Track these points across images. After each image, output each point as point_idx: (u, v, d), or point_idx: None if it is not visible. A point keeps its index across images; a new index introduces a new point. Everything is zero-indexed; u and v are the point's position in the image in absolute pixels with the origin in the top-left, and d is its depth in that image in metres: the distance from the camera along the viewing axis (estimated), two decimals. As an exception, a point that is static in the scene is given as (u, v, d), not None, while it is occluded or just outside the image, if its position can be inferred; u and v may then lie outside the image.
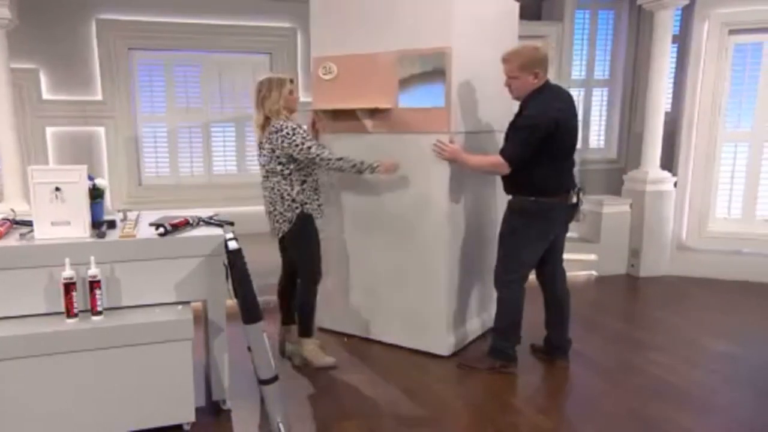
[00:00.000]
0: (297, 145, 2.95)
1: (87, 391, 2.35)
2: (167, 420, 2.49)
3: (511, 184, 3.06)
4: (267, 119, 3.02)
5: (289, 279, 3.33)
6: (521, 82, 2.90)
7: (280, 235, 3.12)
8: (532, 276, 3.21)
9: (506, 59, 2.92)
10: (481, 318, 3.73)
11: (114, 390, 2.39)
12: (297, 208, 3.06)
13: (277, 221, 3.10)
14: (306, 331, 3.23)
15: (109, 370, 2.37)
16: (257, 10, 5.26)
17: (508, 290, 3.11)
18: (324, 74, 3.48)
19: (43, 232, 2.44)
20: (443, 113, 3.16)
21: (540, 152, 2.87)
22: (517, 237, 3.03)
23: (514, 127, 2.96)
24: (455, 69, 3.10)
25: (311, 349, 3.23)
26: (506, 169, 2.93)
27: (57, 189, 2.43)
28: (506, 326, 3.14)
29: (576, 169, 3.31)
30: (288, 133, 2.94)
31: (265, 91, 3.01)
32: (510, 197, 3.10)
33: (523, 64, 2.87)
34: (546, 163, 2.91)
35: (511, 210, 3.08)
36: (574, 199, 3.04)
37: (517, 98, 2.99)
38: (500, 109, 3.41)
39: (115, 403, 2.40)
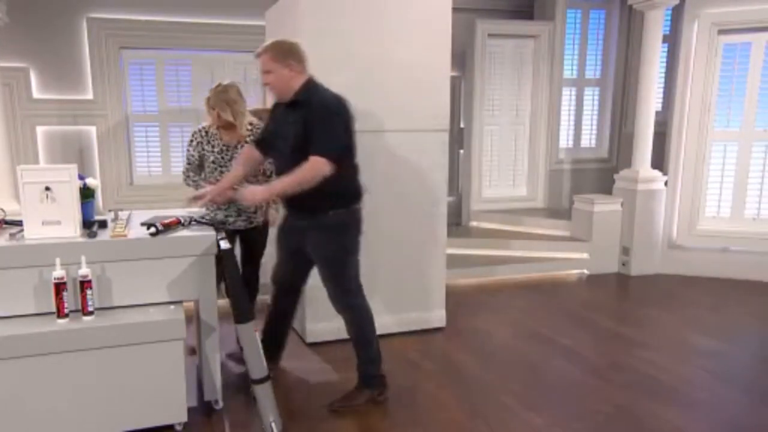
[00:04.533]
0: None
1: (78, 392, 2.35)
2: (159, 420, 2.49)
3: (320, 196, 2.61)
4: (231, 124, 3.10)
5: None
6: (276, 76, 2.64)
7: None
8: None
9: (258, 53, 2.68)
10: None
11: (105, 390, 2.38)
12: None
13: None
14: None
15: (101, 371, 2.36)
16: (248, 8, 5.24)
17: (360, 309, 2.84)
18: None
19: (34, 232, 2.43)
20: None
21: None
22: (351, 254, 2.80)
23: (314, 124, 2.59)
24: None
25: None
26: (328, 168, 2.54)
27: (47, 188, 2.42)
28: (371, 349, 2.88)
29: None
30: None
31: (235, 95, 3.11)
32: (316, 214, 2.70)
33: (274, 56, 2.64)
34: (346, 165, 2.68)
35: (332, 228, 2.72)
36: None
37: (279, 94, 2.70)
38: (369, 108, 3.39)
39: (107, 404, 2.39)
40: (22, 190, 2.42)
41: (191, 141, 3.19)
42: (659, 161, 5.31)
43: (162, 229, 2.56)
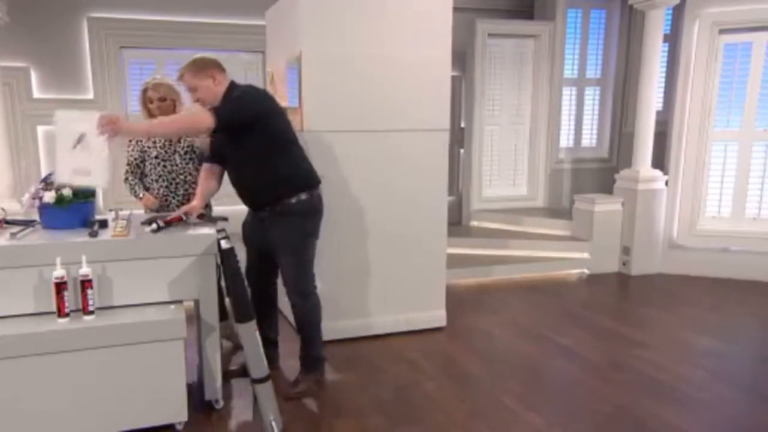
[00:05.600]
0: None
1: (79, 391, 2.35)
2: (160, 419, 2.49)
3: (277, 187, 2.77)
4: None
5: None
6: (204, 90, 2.69)
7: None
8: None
9: (180, 76, 2.74)
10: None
11: (106, 389, 2.38)
12: None
13: None
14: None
15: (101, 370, 2.36)
16: (249, 8, 5.24)
17: (315, 296, 2.93)
18: (270, 81, 4.07)
19: (65, 178, 2.47)
20: (297, 112, 3.40)
21: (273, 138, 2.73)
22: (314, 239, 2.89)
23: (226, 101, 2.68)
24: (306, 71, 3.31)
25: None
26: (209, 122, 2.54)
27: (80, 137, 2.38)
28: (320, 333, 2.98)
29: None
30: None
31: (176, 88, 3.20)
32: (279, 203, 2.78)
33: (195, 72, 2.68)
34: (284, 148, 2.78)
35: (296, 214, 2.79)
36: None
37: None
38: (369, 108, 3.46)
39: (107, 403, 2.39)
40: (57, 135, 2.42)
41: (129, 142, 3.19)
42: (660, 161, 5.31)
43: (163, 225, 2.57)
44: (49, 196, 2.51)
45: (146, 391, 2.43)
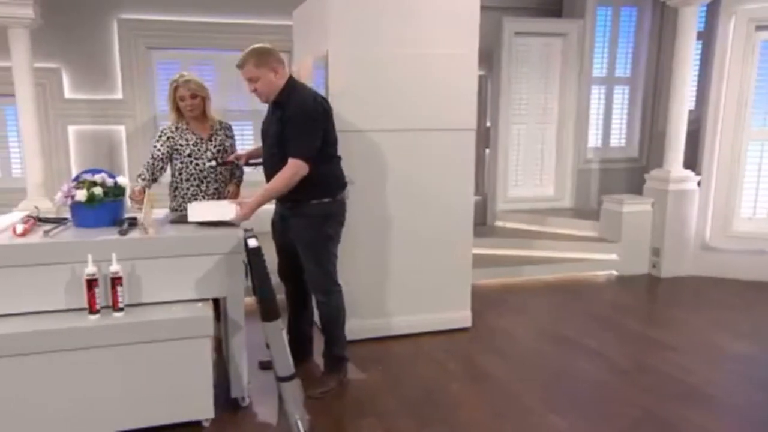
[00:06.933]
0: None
1: (107, 386, 2.39)
2: (186, 416, 2.52)
3: (303, 187, 2.75)
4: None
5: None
6: (264, 82, 2.72)
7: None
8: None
9: (240, 64, 2.74)
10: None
11: (134, 385, 2.41)
12: None
13: None
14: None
15: (130, 366, 2.40)
16: (276, 8, 5.27)
17: (338, 295, 2.97)
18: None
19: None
20: None
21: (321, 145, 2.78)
22: (333, 242, 2.93)
23: (289, 126, 2.71)
24: (333, 70, 3.31)
25: None
26: (306, 169, 2.69)
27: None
28: (342, 333, 3.02)
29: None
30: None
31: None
32: (299, 203, 2.83)
33: (258, 62, 2.70)
34: (327, 158, 2.83)
35: (315, 217, 2.83)
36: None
37: (267, 98, 2.80)
38: (395, 108, 3.44)
39: (135, 399, 2.42)
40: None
41: (159, 138, 3.18)
42: (691, 161, 5.19)
43: (221, 163, 3.10)
44: (81, 195, 2.55)
45: (173, 388, 2.46)
